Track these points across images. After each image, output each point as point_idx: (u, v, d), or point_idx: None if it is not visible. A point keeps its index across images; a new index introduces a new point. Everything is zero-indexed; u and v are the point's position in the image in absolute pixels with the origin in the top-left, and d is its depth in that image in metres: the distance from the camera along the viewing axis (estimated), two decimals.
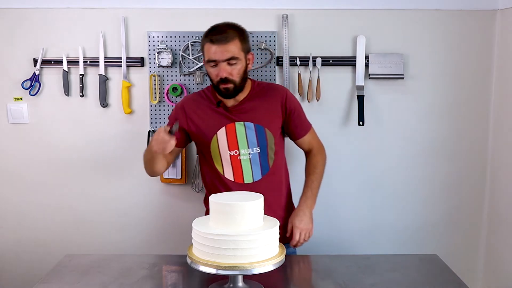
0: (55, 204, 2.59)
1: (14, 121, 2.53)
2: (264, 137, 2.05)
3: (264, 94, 2.09)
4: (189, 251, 1.64)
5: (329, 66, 2.48)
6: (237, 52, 1.94)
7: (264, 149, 2.06)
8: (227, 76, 1.94)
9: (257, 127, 2.05)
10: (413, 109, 2.54)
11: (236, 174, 2.07)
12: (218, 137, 2.05)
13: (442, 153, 2.57)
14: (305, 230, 2.01)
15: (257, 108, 2.06)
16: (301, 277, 1.80)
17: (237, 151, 2.05)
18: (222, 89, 1.97)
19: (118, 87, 2.50)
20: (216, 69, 1.94)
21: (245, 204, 1.58)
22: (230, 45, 1.92)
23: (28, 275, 2.59)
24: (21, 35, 2.47)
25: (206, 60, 1.97)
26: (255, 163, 2.06)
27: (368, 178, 2.59)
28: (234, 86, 1.97)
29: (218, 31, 1.94)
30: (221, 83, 1.95)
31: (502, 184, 2.47)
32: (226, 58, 1.92)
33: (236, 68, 1.95)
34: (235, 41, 1.93)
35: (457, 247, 2.62)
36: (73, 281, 1.77)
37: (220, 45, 1.91)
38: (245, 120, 2.04)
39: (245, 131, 2.05)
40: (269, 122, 2.06)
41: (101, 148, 2.55)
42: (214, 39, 1.92)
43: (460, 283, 1.76)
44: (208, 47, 1.94)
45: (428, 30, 2.48)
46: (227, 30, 1.94)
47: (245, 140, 2.05)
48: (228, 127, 2.05)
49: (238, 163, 2.06)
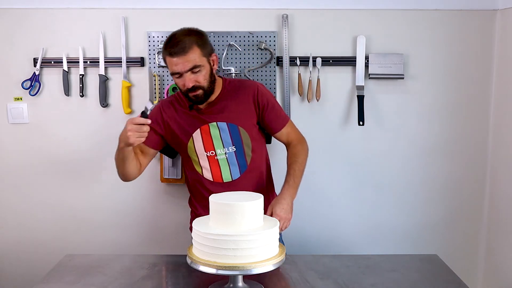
0: (55, 204, 2.59)
1: (14, 121, 2.53)
2: (238, 135, 2.06)
3: (236, 92, 2.09)
4: (189, 251, 1.64)
5: (329, 66, 2.48)
6: (198, 59, 1.92)
7: (240, 148, 2.07)
8: (193, 85, 1.94)
9: (231, 126, 2.05)
10: (413, 109, 2.54)
11: (214, 174, 2.08)
12: (194, 140, 2.06)
13: (442, 153, 2.57)
14: (284, 219, 1.93)
15: (229, 107, 2.06)
16: (301, 277, 1.80)
17: (213, 151, 2.06)
18: (192, 97, 1.98)
19: (118, 87, 2.50)
20: (181, 80, 1.94)
21: (245, 204, 1.58)
22: (189, 55, 1.90)
23: (28, 275, 2.60)
24: (21, 35, 2.47)
25: (170, 72, 1.97)
26: (232, 162, 2.07)
27: (368, 178, 2.59)
28: (203, 92, 1.97)
29: (175, 43, 1.91)
30: (190, 91, 1.96)
31: (502, 184, 2.47)
32: (188, 68, 1.91)
33: (201, 75, 1.95)
34: (193, 49, 1.91)
35: (457, 247, 2.62)
36: (73, 281, 1.77)
37: (179, 57, 1.89)
38: (218, 120, 2.05)
39: (219, 132, 2.05)
40: (242, 120, 2.07)
41: (101, 148, 2.55)
42: (172, 52, 1.90)
43: (460, 283, 1.76)
44: (169, 61, 1.93)
45: (428, 30, 2.48)
46: (183, 39, 1.91)
47: (220, 140, 2.06)
48: (202, 128, 2.06)
49: (216, 163, 2.07)
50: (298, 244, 2.49)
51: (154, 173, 2.56)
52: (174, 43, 1.91)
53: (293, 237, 2.28)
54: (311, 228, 2.59)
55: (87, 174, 2.57)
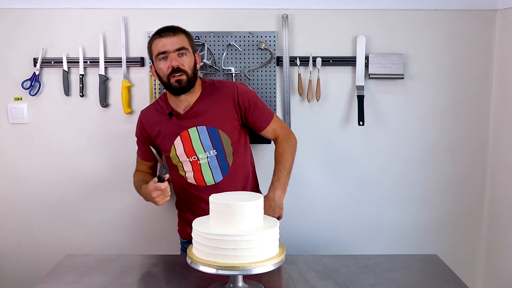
0: (55, 204, 2.59)
1: (14, 121, 2.53)
2: (218, 138, 2.06)
3: (216, 94, 2.09)
4: (189, 251, 1.64)
5: (329, 66, 2.48)
6: (186, 44, 2.00)
7: (221, 151, 2.07)
8: (178, 65, 1.96)
9: (210, 129, 2.06)
10: (413, 109, 2.54)
11: (197, 178, 2.10)
12: (176, 147, 2.08)
13: (442, 153, 2.57)
14: None
15: (209, 110, 2.06)
16: (301, 277, 1.80)
17: (195, 156, 2.07)
18: (174, 82, 1.98)
19: (118, 87, 2.50)
20: (166, 62, 1.98)
21: (245, 204, 1.58)
22: (179, 37, 1.99)
23: (28, 275, 2.60)
24: (21, 35, 2.47)
25: (155, 55, 2.00)
26: (214, 165, 2.08)
27: (368, 178, 2.59)
28: (187, 78, 1.98)
29: (165, 28, 2.02)
30: (173, 74, 1.97)
31: (502, 184, 2.47)
32: (176, 48, 1.97)
33: (187, 60, 1.99)
34: (182, 35, 2.01)
35: (457, 247, 2.62)
36: (73, 281, 1.77)
37: (169, 37, 1.98)
38: (197, 124, 2.06)
39: (199, 136, 2.06)
40: (222, 123, 2.07)
41: (101, 148, 2.55)
42: (161, 33, 1.99)
43: (460, 283, 1.75)
44: (157, 42, 1.99)
45: (428, 30, 2.48)
46: (173, 26, 2.03)
47: (200, 144, 2.06)
48: (182, 135, 2.06)
49: (198, 167, 2.08)
50: (298, 244, 2.49)
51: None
52: (165, 27, 2.02)
53: (293, 237, 2.29)
54: (311, 228, 2.59)
55: (87, 174, 2.57)
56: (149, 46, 2.05)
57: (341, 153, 2.56)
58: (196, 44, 2.44)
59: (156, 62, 2.01)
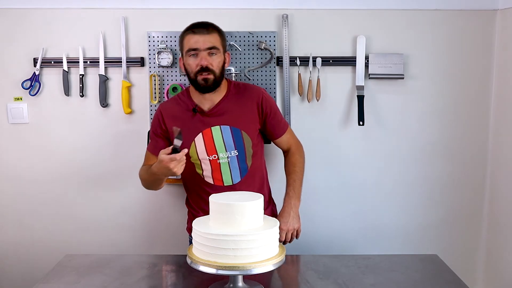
0: (55, 204, 2.59)
1: (14, 121, 2.53)
2: (241, 139, 2.06)
3: (241, 95, 2.09)
4: (189, 251, 1.64)
5: (329, 66, 2.48)
6: (218, 43, 1.99)
7: (242, 152, 2.07)
8: (207, 65, 1.95)
9: (234, 130, 2.05)
10: (413, 109, 2.54)
11: (215, 178, 2.08)
12: (196, 144, 2.05)
13: (442, 153, 2.57)
14: (291, 230, 2.06)
15: (233, 110, 2.06)
16: (301, 277, 1.80)
17: (215, 155, 2.05)
18: (201, 80, 1.98)
19: (118, 87, 2.50)
20: (196, 59, 1.97)
21: (245, 204, 1.58)
22: (211, 36, 1.98)
23: (28, 275, 2.60)
24: (21, 35, 2.47)
25: (186, 50, 1.99)
26: (234, 166, 2.07)
27: (368, 178, 2.59)
28: (214, 78, 1.98)
29: (200, 24, 2.00)
30: (201, 72, 1.96)
31: (502, 184, 2.47)
32: (208, 46, 1.96)
33: (216, 60, 1.98)
34: (215, 34, 2.00)
35: (457, 247, 2.62)
36: (73, 281, 1.77)
37: (202, 35, 1.96)
38: (221, 123, 2.05)
39: (222, 135, 2.05)
40: (246, 124, 2.07)
41: (101, 148, 2.55)
42: (196, 30, 1.97)
43: (460, 283, 1.76)
44: (189, 38, 1.98)
45: (428, 30, 2.48)
46: (208, 23, 2.02)
47: (223, 144, 2.05)
48: (204, 132, 2.05)
49: (217, 167, 2.07)
50: (298, 244, 2.49)
51: None
52: (199, 23, 2.00)
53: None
54: (311, 228, 2.59)
55: (87, 174, 2.57)
56: (181, 39, 2.03)
57: (341, 153, 2.56)
58: None
59: (186, 57, 2.00)
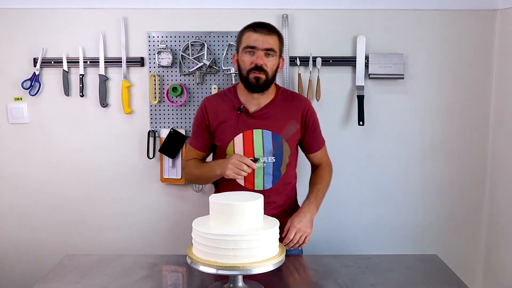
0: (55, 204, 2.59)
1: (14, 121, 2.53)
2: (280, 147, 2.03)
3: (288, 102, 2.07)
4: (189, 251, 1.64)
5: (329, 66, 2.48)
6: (276, 46, 1.97)
7: (279, 159, 2.04)
8: (262, 65, 1.94)
9: (275, 136, 2.03)
10: (413, 109, 2.54)
11: (247, 180, 2.04)
12: (235, 143, 2.02)
13: (442, 153, 2.57)
14: (302, 231, 1.94)
15: (278, 117, 2.04)
16: (301, 277, 1.80)
17: (252, 158, 2.00)
18: (253, 78, 1.95)
19: (118, 87, 2.50)
20: (252, 57, 1.95)
21: (245, 204, 1.58)
22: (271, 37, 1.96)
23: (28, 275, 2.60)
24: (21, 35, 2.47)
25: (243, 47, 1.96)
26: (268, 171, 2.04)
27: (368, 178, 2.59)
28: (265, 78, 1.96)
29: (262, 24, 1.98)
30: (254, 71, 1.94)
31: (502, 184, 2.47)
32: (266, 47, 1.94)
33: (272, 62, 1.97)
34: (275, 36, 1.98)
35: (457, 247, 2.62)
36: (73, 281, 1.77)
37: (262, 35, 1.94)
38: (264, 128, 2.02)
39: (262, 139, 2.02)
40: (287, 133, 2.04)
41: (101, 148, 2.55)
42: (258, 29, 1.95)
43: (460, 283, 1.76)
44: (249, 35, 1.95)
45: (428, 30, 2.48)
46: (270, 25, 2.00)
47: (262, 148, 2.02)
48: (245, 134, 2.02)
49: (251, 170, 2.03)
50: None
51: (154, 173, 2.56)
52: (261, 23, 1.99)
53: None
54: None
55: (87, 174, 2.57)
56: (239, 35, 2.00)
57: (340, 153, 2.55)
58: (196, 44, 2.45)
59: (242, 53, 1.98)
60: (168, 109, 2.50)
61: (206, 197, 1.67)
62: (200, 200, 2.54)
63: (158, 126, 2.52)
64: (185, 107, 2.51)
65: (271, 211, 2.01)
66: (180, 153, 2.51)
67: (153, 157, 2.53)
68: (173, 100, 2.49)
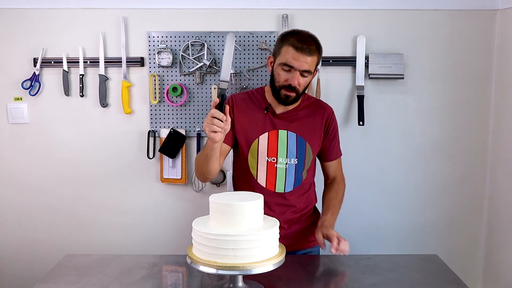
0: (55, 204, 2.59)
1: (14, 121, 2.53)
2: (303, 150, 2.03)
3: (313, 108, 2.08)
4: (189, 251, 1.64)
5: (329, 66, 2.48)
6: (313, 66, 1.94)
7: (301, 162, 2.04)
8: (296, 86, 1.92)
9: (299, 139, 2.03)
10: (413, 109, 2.54)
11: (269, 181, 2.03)
12: (260, 142, 2.02)
13: (442, 153, 2.57)
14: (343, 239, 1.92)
15: (303, 121, 2.04)
16: (301, 277, 1.79)
17: (275, 158, 2.01)
18: (283, 95, 1.95)
19: (118, 87, 2.50)
20: (288, 74, 1.92)
21: (245, 204, 1.57)
22: (312, 58, 1.91)
23: (28, 275, 2.60)
24: (21, 35, 2.47)
25: (281, 62, 1.92)
26: (290, 174, 2.03)
27: (367, 178, 2.59)
28: (295, 96, 1.96)
29: (305, 41, 1.90)
30: (287, 89, 1.93)
31: (502, 184, 2.47)
32: (304, 69, 1.90)
33: (306, 81, 1.95)
34: (315, 56, 1.92)
35: (457, 247, 2.62)
36: (73, 281, 1.77)
37: (303, 55, 1.88)
38: (290, 129, 2.02)
39: (287, 141, 2.02)
40: (311, 137, 2.05)
41: (101, 148, 2.55)
42: (299, 47, 1.88)
43: (460, 283, 1.75)
44: (289, 51, 1.89)
45: (428, 30, 2.48)
46: (314, 42, 1.93)
47: (285, 149, 2.02)
48: (271, 133, 2.02)
49: (273, 171, 2.03)
50: None
51: (154, 173, 2.56)
52: (306, 39, 1.91)
53: None
54: None
55: (87, 174, 2.57)
56: (280, 43, 1.94)
57: None
58: (196, 44, 2.45)
59: (279, 65, 1.93)
60: (168, 109, 2.50)
61: (206, 197, 1.67)
62: (200, 200, 2.54)
63: (158, 126, 2.52)
64: (185, 107, 2.51)
65: (290, 215, 2.04)
66: (180, 153, 2.51)
67: (153, 157, 2.53)
68: (173, 100, 2.50)
